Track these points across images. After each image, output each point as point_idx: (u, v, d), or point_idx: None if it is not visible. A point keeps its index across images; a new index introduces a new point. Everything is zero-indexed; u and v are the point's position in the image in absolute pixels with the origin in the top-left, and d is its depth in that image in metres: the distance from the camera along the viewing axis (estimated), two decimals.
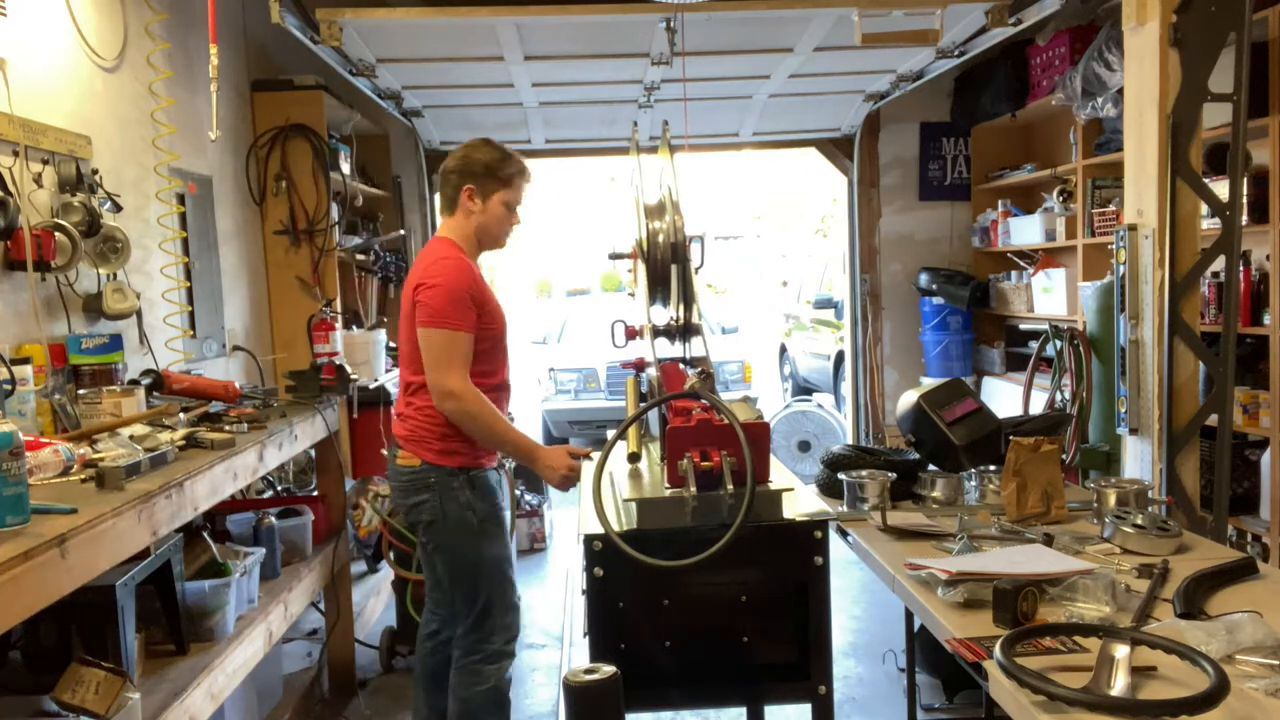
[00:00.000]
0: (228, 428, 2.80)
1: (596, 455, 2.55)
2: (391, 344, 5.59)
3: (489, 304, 2.70)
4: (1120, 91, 4.31)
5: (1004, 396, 5.89)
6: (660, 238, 2.51)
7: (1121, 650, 1.46)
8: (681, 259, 2.47)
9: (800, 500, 2.12)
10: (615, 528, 1.90)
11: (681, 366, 2.59)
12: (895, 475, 2.58)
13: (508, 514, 2.92)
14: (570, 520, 6.09)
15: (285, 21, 3.61)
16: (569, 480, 2.64)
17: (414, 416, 2.73)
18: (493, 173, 2.75)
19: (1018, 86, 5.78)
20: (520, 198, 2.82)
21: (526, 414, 8.58)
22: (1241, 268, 3.72)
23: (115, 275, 3.10)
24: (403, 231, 6.15)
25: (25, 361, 2.47)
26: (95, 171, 3.01)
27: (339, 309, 4.75)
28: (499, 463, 2.89)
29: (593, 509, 1.93)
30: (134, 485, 2.11)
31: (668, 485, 1.97)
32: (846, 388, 7.48)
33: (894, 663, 3.78)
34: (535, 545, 5.66)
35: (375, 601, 4.54)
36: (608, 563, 1.93)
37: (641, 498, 2.00)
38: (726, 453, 1.90)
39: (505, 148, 2.80)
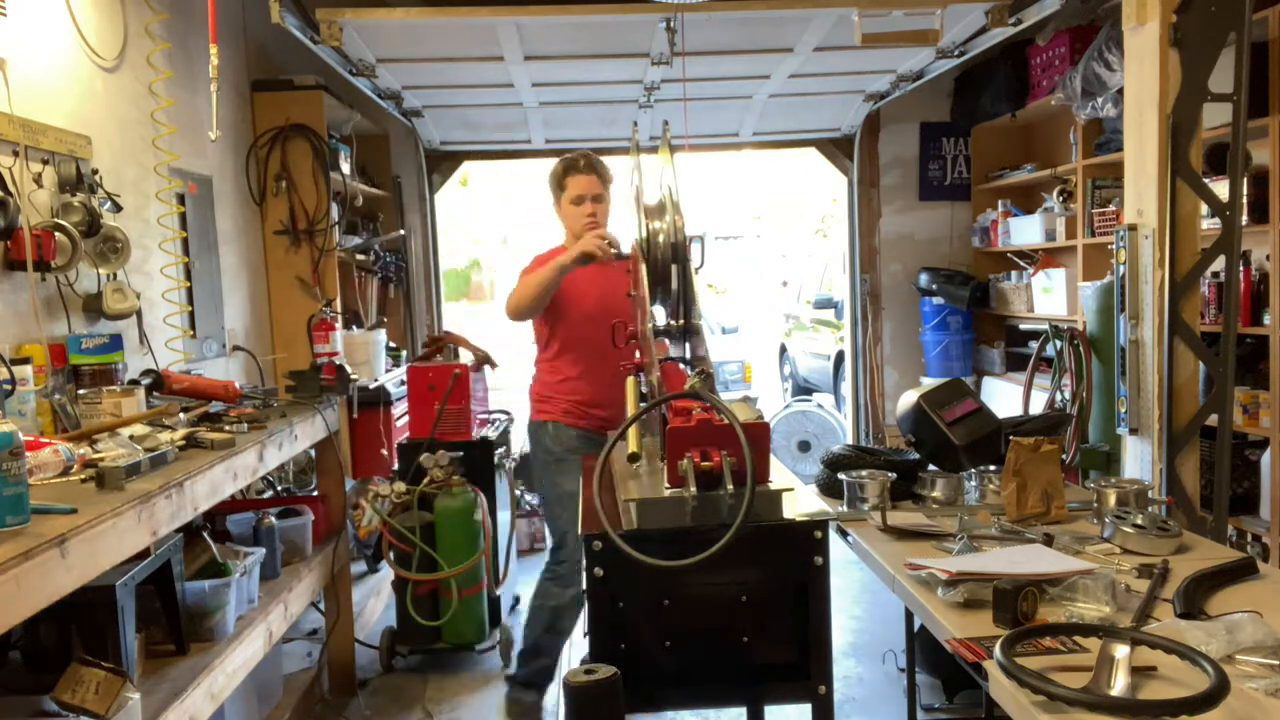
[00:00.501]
0: (228, 428, 2.80)
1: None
2: (391, 344, 5.59)
3: (564, 290, 3.27)
4: (1120, 91, 4.31)
5: (1004, 396, 5.89)
6: (660, 238, 2.50)
7: (1121, 650, 1.46)
8: (681, 259, 2.47)
9: (800, 500, 2.11)
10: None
11: (681, 367, 2.59)
12: (895, 475, 2.58)
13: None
14: None
15: (285, 21, 3.61)
16: (604, 242, 3.16)
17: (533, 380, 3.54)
18: (552, 185, 3.39)
19: (1018, 86, 5.78)
20: (578, 190, 3.31)
21: (526, 414, 8.54)
22: (1241, 268, 3.72)
23: (115, 275, 3.10)
24: (403, 231, 6.15)
25: (25, 361, 2.47)
26: (95, 171, 3.01)
27: (339, 309, 4.75)
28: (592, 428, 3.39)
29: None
30: (134, 485, 2.11)
31: (668, 485, 1.96)
32: (846, 388, 7.47)
33: (894, 663, 3.78)
34: (535, 545, 5.65)
35: (375, 601, 4.54)
36: (608, 563, 1.93)
37: (641, 498, 2.00)
38: (726, 453, 1.90)
39: (564, 158, 3.38)
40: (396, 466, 4.22)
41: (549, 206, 3.51)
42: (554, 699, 3.71)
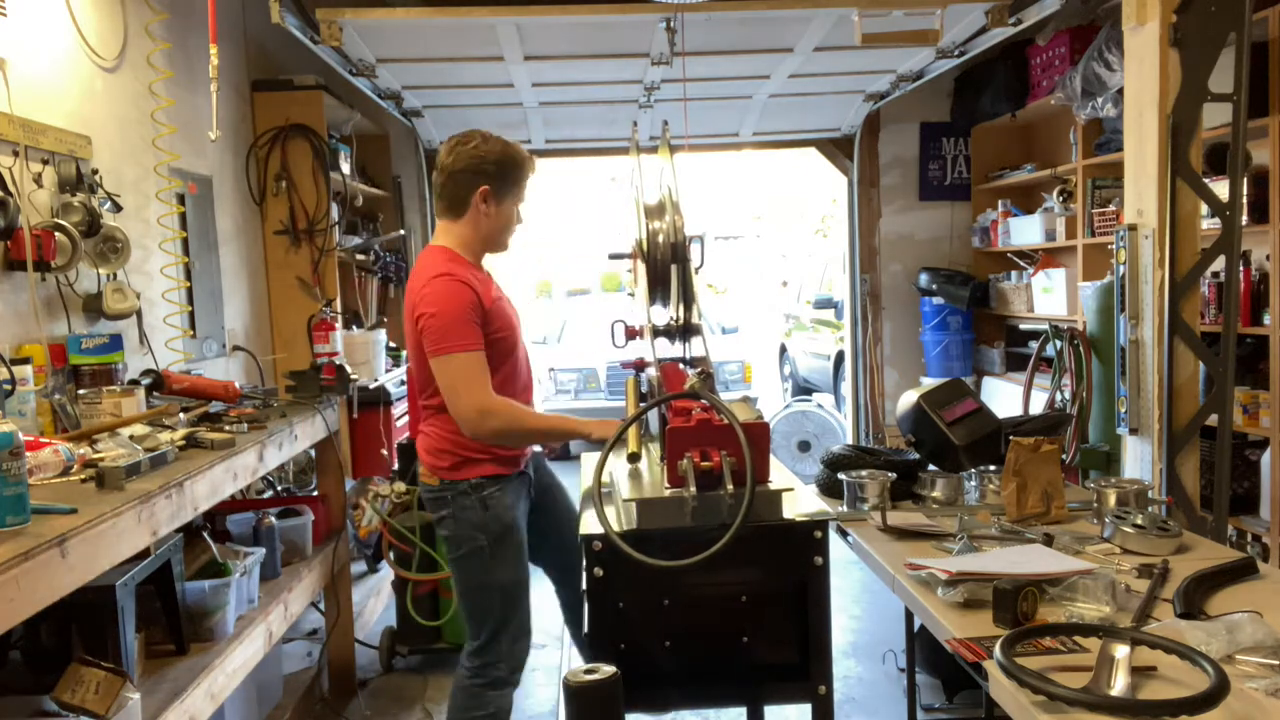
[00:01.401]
0: (228, 428, 2.80)
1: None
2: (391, 344, 5.60)
3: (497, 315, 2.55)
4: (1120, 91, 4.31)
5: (1004, 396, 5.89)
6: (660, 238, 2.50)
7: (1121, 650, 1.46)
8: (681, 259, 2.47)
9: (800, 500, 2.11)
10: (615, 528, 1.90)
11: (681, 366, 2.59)
12: (895, 475, 2.58)
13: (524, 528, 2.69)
14: None
15: (285, 21, 3.61)
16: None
17: (428, 434, 2.65)
18: (508, 174, 2.58)
19: (1018, 86, 5.78)
20: (523, 199, 2.68)
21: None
22: (1241, 268, 3.72)
23: (115, 275, 3.10)
24: (403, 231, 6.15)
25: (25, 361, 2.47)
26: (95, 171, 3.01)
27: (339, 309, 4.75)
28: (523, 467, 2.70)
29: (593, 509, 1.92)
30: (134, 485, 2.11)
31: (668, 485, 1.96)
32: (846, 388, 7.48)
33: (894, 663, 3.78)
34: None
35: (375, 601, 4.54)
36: (608, 563, 1.93)
37: (641, 498, 2.00)
38: (726, 453, 1.90)
39: (511, 142, 2.62)
40: (396, 466, 4.22)
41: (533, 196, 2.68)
42: (554, 699, 3.72)
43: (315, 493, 3.98)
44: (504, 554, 2.58)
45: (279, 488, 4.18)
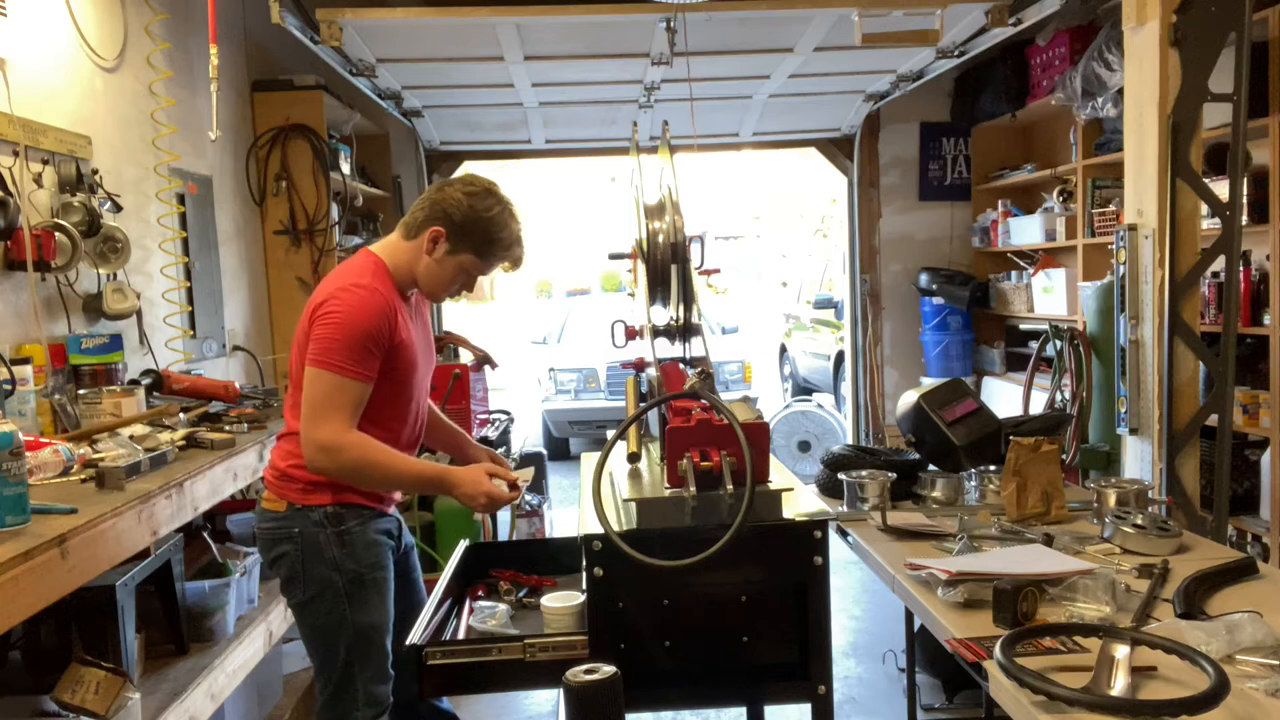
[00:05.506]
0: (228, 428, 2.80)
1: (521, 472, 2.42)
2: None
3: (402, 348, 2.24)
4: (1120, 91, 4.31)
5: (1004, 396, 5.89)
6: (660, 238, 2.50)
7: (1121, 650, 1.46)
8: (681, 259, 2.47)
9: (800, 500, 2.11)
10: (615, 528, 1.90)
11: (681, 366, 2.59)
12: (895, 475, 2.58)
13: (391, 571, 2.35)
14: (570, 520, 6.09)
15: (285, 21, 3.61)
16: (494, 503, 2.25)
17: (286, 450, 2.28)
18: (473, 236, 2.28)
19: (1018, 86, 5.78)
20: (485, 273, 2.40)
21: (527, 414, 8.59)
22: (1241, 268, 3.72)
23: (115, 275, 3.10)
24: None
25: (25, 361, 2.47)
26: (95, 171, 3.01)
27: None
28: (390, 511, 2.39)
29: (592, 509, 1.92)
30: (134, 485, 2.11)
31: (667, 485, 1.96)
32: (846, 388, 7.48)
33: (894, 663, 3.78)
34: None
35: None
36: (607, 563, 1.93)
37: (641, 498, 2.00)
38: (726, 453, 1.90)
39: (508, 221, 2.33)
40: None
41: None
42: (554, 699, 3.71)
43: None
44: (363, 595, 2.24)
45: None
